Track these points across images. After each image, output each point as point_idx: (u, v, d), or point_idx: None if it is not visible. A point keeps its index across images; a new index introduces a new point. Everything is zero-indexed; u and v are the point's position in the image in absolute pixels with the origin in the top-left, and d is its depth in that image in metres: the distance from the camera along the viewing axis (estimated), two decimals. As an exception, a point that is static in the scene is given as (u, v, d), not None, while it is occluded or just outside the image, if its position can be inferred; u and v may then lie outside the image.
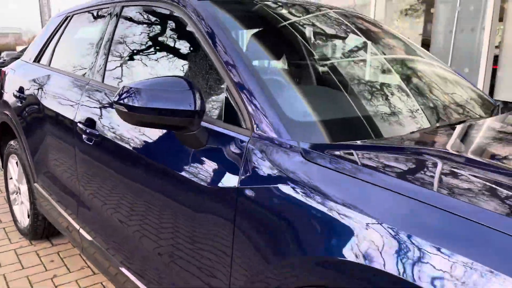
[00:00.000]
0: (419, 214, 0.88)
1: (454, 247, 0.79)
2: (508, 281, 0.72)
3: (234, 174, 1.22)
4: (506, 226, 0.79)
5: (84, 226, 2.05)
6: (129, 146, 1.62)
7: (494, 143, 1.41)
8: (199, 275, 1.35)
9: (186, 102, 1.25)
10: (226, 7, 1.66)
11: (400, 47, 2.14)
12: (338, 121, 1.33)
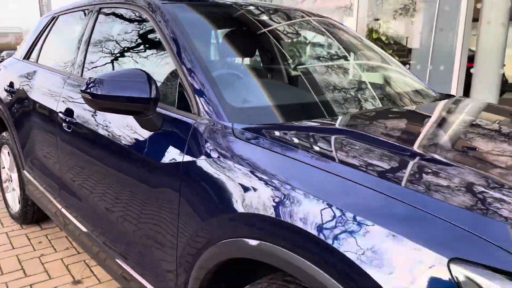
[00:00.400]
0: (313, 176, 1.11)
1: (336, 200, 1.02)
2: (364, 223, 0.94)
3: (181, 151, 1.44)
4: (377, 184, 1.02)
5: (65, 206, 2.28)
6: (99, 131, 1.85)
7: (414, 124, 1.64)
8: (156, 236, 1.57)
9: (143, 91, 1.47)
10: (184, 10, 1.89)
11: (345, 41, 2.36)
12: (266, 107, 1.56)
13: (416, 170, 1.15)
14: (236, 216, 1.22)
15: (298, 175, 1.14)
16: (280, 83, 1.81)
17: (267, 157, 1.23)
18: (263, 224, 1.14)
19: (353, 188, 1.04)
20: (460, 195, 1.00)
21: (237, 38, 2.02)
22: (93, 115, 1.91)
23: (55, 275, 2.49)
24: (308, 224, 1.03)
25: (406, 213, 0.94)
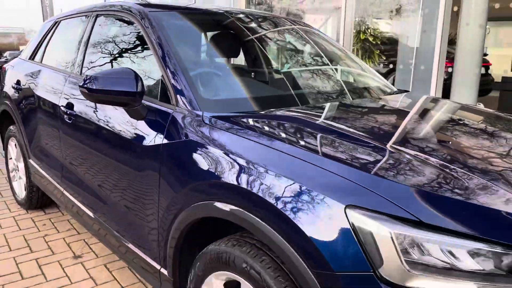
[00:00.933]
0: (258, 150, 1.42)
1: (272, 167, 1.33)
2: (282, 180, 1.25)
3: (161, 135, 1.75)
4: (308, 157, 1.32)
5: (67, 189, 2.59)
6: (95, 121, 2.16)
7: (360, 112, 1.94)
8: (142, 208, 1.87)
9: (131, 86, 1.78)
10: (168, 18, 2.20)
11: (312, 42, 2.67)
12: (232, 99, 1.88)
13: (336, 145, 1.46)
14: (201, 185, 1.53)
15: (249, 150, 1.44)
16: (246, 79, 2.14)
17: (228, 137, 1.54)
18: (221, 190, 1.44)
19: (287, 159, 1.35)
20: (364, 161, 1.31)
21: (212, 41, 2.34)
22: (90, 108, 2.23)
23: (57, 251, 2.81)
24: (251, 186, 1.34)
25: (319, 174, 1.25)
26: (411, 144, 1.53)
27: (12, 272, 2.55)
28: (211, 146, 1.55)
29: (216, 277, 1.54)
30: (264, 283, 1.32)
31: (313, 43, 2.67)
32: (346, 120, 1.80)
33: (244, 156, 1.43)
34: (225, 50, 2.35)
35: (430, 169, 1.29)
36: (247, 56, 2.48)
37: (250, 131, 1.54)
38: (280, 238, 1.25)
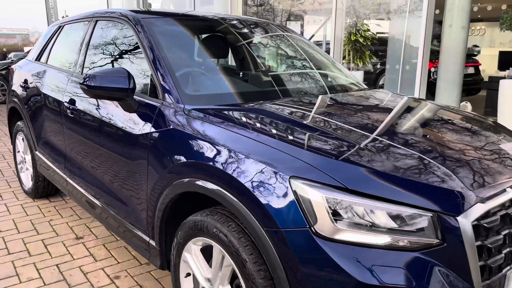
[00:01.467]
0: (227, 135, 1.71)
1: (235, 147, 1.62)
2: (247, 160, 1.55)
3: (149, 125, 2.05)
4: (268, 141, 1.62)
5: (69, 175, 2.89)
6: (94, 114, 2.46)
7: (324, 105, 2.23)
8: (134, 188, 2.17)
9: (124, 83, 2.08)
10: (158, 24, 2.50)
11: (288, 44, 2.96)
12: (210, 95, 2.18)
13: (289, 131, 1.75)
14: (184, 164, 1.82)
15: (218, 135, 1.74)
16: (226, 78, 2.44)
17: (201, 125, 1.84)
18: (202, 169, 1.73)
19: (247, 142, 1.64)
20: (308, 143, 1.60)
21: (197, 44, 2.65)
22: (89, 103, 2.53)
23: (61, 233, 3.11)
24: (216, 163, 1.63)
25: (271, 153, 1.55)
26: (350, 129, 1.82)
27: (21, 250, 2.85)
28: (189, 133, 1.84)
29: (194, 242, 1.84)
30: (230, 243, 1.61)
31: (291, 45, 2.96)
32: (303, 112, 2.09)
33: (213, 140, 1.73)
34: (209, 51, 2.65)
35: (357, 147, 1.59)
36: (234, 56, 2.79)
37: (220, 119, 1.83)
38: (240, 204, 1.54)
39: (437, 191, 1.43)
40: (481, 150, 1.79)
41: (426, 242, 1.38)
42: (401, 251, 1.37)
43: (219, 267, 1.72)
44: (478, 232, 1.42)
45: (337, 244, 1.37)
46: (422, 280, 1.34)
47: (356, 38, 7.21)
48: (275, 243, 1.45)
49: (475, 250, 1.38)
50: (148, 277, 2.53)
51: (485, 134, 2.07)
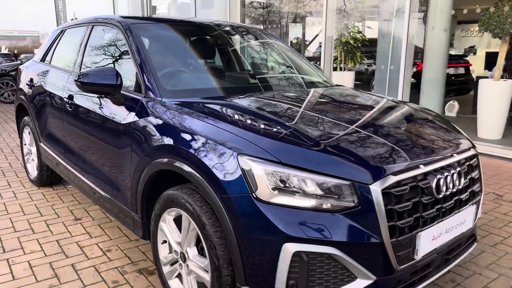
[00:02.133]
0: (197, 124, 2.06)
1: (200, 133, 1.97)
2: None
3: (133, 115, 2.41)
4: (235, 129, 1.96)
5: (68, 162, 3.26)
6: (88, 107, 2.83)
7: (288, 99, 2.57)
8: (121, 169, 2.53)
9: (112, 80, 2.44)
10: (145, 29, 2.87)
11: (263, 45, 3.31)
12: (185, 90, 2.53)
13: (242, 118, 2.09)
14: (158, 147, 2.17)
15: (187, 123, 2.09)
16: (199, 75, 2.81)
17: (174, 114, 2.19)
18: (173, 150, 2.08)
19: (208, 127, 1.99)
20: (255, 127, 1.94)
21: (177, 46, 3.01)
22: (84, 98, 2.90)
23: (62, 215, 3.48)
24: (183, 144, 1.98)
25: (226, 136, 1.89)
26: (293, 116, 2.17)
27: (26, 229, 3.22)
28: (163, 120, 2.20)
29: (168, 213, 2.18)
30: (194, 211, 1.95)
31: (266, 47, 3.31)
32: (260, 103, 2.44)
33: (182, 127, 2.08)
34: (188, 52, 3.02)
35: (293, 129, 1.93)
36: (203, 57, 3.17)
37: (190, 110, 2.18)
38: (201, 178, 1.89)
39: (355, 164, 1.77)
40: (403, 133, 2.13)
41: (344, 205, 1.71)
42: (324, 212, 1.71)
43: (187, 232, 2.07)
44: (390, 198, 1.75)
45: (272, 206, 1.71)
46: (340, 235, 1.68)
47: (347, 40, 7.52)
48: (226, 206, 1.79)
49: (383, 213, 1.71)
50: (135, 250, 2.88)
51: (412, 120, 2.42)
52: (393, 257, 1.76)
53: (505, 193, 3.99)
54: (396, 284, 1.83)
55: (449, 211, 2.02)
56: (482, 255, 2.84)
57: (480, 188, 2.30)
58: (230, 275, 1.86)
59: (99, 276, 2.57)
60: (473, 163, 2.24)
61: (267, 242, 1.71)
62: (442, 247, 2.01)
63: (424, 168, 1.89)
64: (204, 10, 10.69)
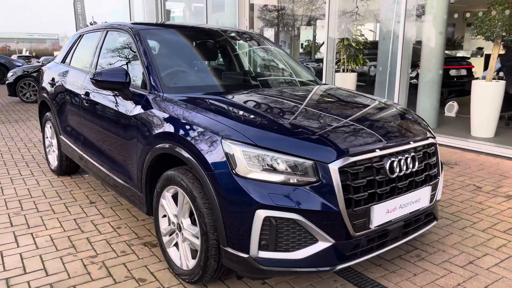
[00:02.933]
0: (192, 115, 2.46)
1: (193, 122, 2.36)
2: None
3: (138, 107, 2.81)
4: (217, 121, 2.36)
5: (85, 152, 3.70)
6: (102, 102, 3.25)
7: (277, 95, 2.95)
8: (130, 156, 2.94)
9: (122, 78, 2.85)
10: (151, 34, 3.28)
11: (257, 46, 3.69)
12: (184, 87, 2.93)
13: (229, 110, 2.47)
14: (159, 134, 2.57)
15: (182, 114, 2.48)
16: (197, 74, 3.21)
17: (172, 107, 2.59)
18: (171, 136, 2.48)
19: (199, 117, 2.38)
20: (238, 117, 2.33)
21: (179, 48, 3.43)
22: (99, 94, 3.32)
23: (79, 199, 3.92)
24: (179, 131, 2.37)
25: (213, 124, 2.28)
26: (272, 107, 2.54)
27: (47, 209, 3.66)
28: (162, 112, 2.60)
29: (167, 190, 2.58)
30: (187, 187, 2.34)
31: (259, 49, 3.70)
32: (247, 98, 2.82)
33: (178, 117, 2.48)
34: (189, 54, 3.43)
35: (268, 118, 2.31)
36: (203, 59, 3.58)
37: (185, 103, 2.58)
38: (192, 159, 2.28)
39: (317, 147, 2.14)
40: (366, 122, 2.48)
41: (308, 180, 2.08)
42: (291, 186, 2.08)
43: (182, 205, 2.46)
44: (346, 175, 2.12)
45: (248, 180, 2.09)
46: (303, 204, 2.05)
47: (349, 43, 7.85)
48: (211, 181, 2.18)
49: (340, 187, 2.07)
50: (142, 228, 3.29)
51: (377, 111, 2.78)
52: (349, 224, 2.12)
53: (484, 185, 4.29)
54: (354, 248, 2.19)
55: (404, 190, 2.37)
56: (449, 236, 3.16)
57: (437, 173, 2.64)
58: (216, 239, 2.24)
59: (109, 247, 2.98)
60: (430, 151, 2.58)
61: (243, 209, 2.09)
62: (398, 220, 2.36)
63: (379, 152, 2.24)
64: (215, 14, 11.12)
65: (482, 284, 2.52)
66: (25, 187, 4.25)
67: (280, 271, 2.13)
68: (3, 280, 2.55)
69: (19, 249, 2.94)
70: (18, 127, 7.62)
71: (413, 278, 2.59)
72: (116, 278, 2.57)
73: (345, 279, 2.57)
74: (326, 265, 2.14)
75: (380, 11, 7.55)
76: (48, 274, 2.62)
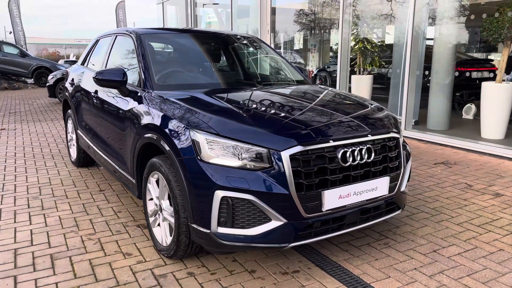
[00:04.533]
0: (172, 109, 2.79)
1: (172, 116, 2.69)
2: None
3: (134, 103, 3.17)
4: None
5: (94, 143, 4.12)
6: (105, 98, 3.65)
7: (266, 92, 3.23)
8: (126, 145, 3.30)
9: (120, 77, 3.22)
10: (151, 38, 3.65)
11: (251, 50, 3.98)
12: (173, 84, 3.27)
13: (206, 104, 2.78)
14: (147, 125, 2.91)
15: (165, 107, 2.81)
16: (187, 74, 3.54)
17: (158, 102, 2.92)
18: (153, 127, 2.81)
19: (176, 110, 2.70)
20: (209, 110, 2.63)
21: (174, 50, 3.78)
22: (104, 92, 3.72)
23: (90, 187, 4.34)
24: (160, 124, 2.69)
25: (187, 116, 2.59)
26: (239, 102, 2.82)
27: (62, 195, 4.10)
28: (150, 107, 2.94)
29: (151, 176, 2.91)
30: (165, 171, 2.66)
31: (250, 50, 3.98)
32: (221, 95, 3.11)
33: (161, 110, 2.81)
34: (183, 56, 3.78)
35: (233, 111, 2.59)
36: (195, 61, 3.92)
37: (170, 99, 2.91)
38: (167, 147, 2.60)
39: (272, 136, 2.40)
40: (325, 115, 2.72)
41: (262, 166, 2.35)
42: (247, 170, 2.35)
43: (161, 189, 2.79)
44: (298, 162, 2.36)
45: (210, 165, 2.38)
46: (256, 186, 2.31)
47: (364, 45, 7.98)
48: (181, 166, 2.48)
49: (291, 172, 2.32)
50: (139, 213, 3.65)
51: (343, 107, 3.00)
52: (300, 206, 2.36)
53: (476, 184, 4.36)
54: (305, 228, 2.43)
55: (359, 178, 2.58)
56: (423, 228, 3.32)
57: (399, 165, 2.82)
58: (185, 217, 2.54)
59: (107, 226, 3.35)
60: (390, 144, 2.77)
61: (205, 190, 2.38)
62: (353, 206, 2.57)
63: (332, 143, 2.47)
64: (240, 20, 11.51)
65: (437, 269, 2.68)
66: (47, 176, 4.73)
67: (238, 246, 2.40)
68: (12, 250, 2.96)
69: (31, 226, 3.37)
70: (52, 125, 8.27)
71: (374, 262, 2.78)
72: (106, 252, 2.93)
73: (309, 260, 2.80)
74: (280, 242, 2.40)
75: (395, 14, 7.65)
76: (50, 247, 3.01)
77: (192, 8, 13.46)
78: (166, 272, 2.65)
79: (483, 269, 2.67)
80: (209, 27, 17.69)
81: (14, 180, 4.61)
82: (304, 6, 14.08)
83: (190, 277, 2.60)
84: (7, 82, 17.96)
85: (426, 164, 5.15)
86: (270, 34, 10.09)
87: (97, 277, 2.60)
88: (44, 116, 9.65)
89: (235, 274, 2.63)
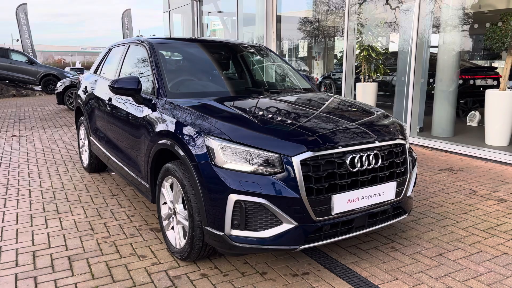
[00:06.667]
0: (184, 115, 2.90)
1: (184, 122, 2.80)
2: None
3: (148, 110, 3.28)
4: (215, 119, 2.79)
5: (107, 149, 4.23)
6: (119, 106, 3.77)
7: (273, 99, 3.34)
8: (141, 152, 3.41)
9: (134, 85, 3.34)
10: (163, 47, 3.77)
11: (259, 58, 4.10)
12: (185, 93, 3.38)
13: (217, 111, 2.89)
14: (161, 132, 3.02)
15: (178, 114, 2.92)
16: (199, 83, 3.66)
17: (172, 109, 3.03)
18: (168, 134, 2.92)
19: (189, 117, 2.81)
20: (222, 117, 2.74)
21: (186, 59, 3.90)
22: (117, 99, 3.84)
23: (103, 192, 4.45)
24: (174, 130, 2.80)
25: (203, 123, 2.70)
26: (252, 109, 2.93)
27: (75, 200, 4.22)
28: (164, 114, 3.06)
29: (166, 180, 3.02)
30: (180, 176, 2.76)
31: (258, 58, 4.10)
32: (233, 102, 3.22)
33: (175, 117, 2.92)
34: (194, 64, 3.90)
35: (246, 118, 2.70)
36: (205, 70, 4.04)
37: (182, 106, 3.02)
38: (182, 152, 2.70)
39: (284, 143, 2.50)
40: (334, 122, 2.82)
41: (274, 171, 2.45)
42: (259, 175, 2.45)
43: (176, 193, 2.89)
44: (308, 167, 2.46)
45: (224, 170, 2.49)
46: (268, 190, 2.41)
47: (369, 53, 8.09)
48: (195, 171, 2.59)
49: (301, 177, 2.42)
50: (152, 217, 3.75)
51: (351, 114, 3.09)
52: (310, 210, 2.46)
53: (481, 190, 4.44)
54: (315, 231, 2.52)
55: (367, 183, 2.67)
56: (428, 232, 3.40)
57: (406, 171, 2.91)
58: (199, 220, 2.64)
59: (121, 230, 3.45)
60: (397, 150, 2.86)
61: (219, 194, 2.48)
62: (361, 210, 2.66)
63: (341, 149, 2.57)
64: (246, 27, 11.66)
65: (443, 272, 2.76)
66: (60, 181, 4.85)
67: (251, 248, 2.50)
68: (30, 252, 3.07)
69: (48, 230, 3.47)
70: (62, 132, 8.42)
71: (381, 265, 2.87)
72: (122, 254, 3.03)
73: (318, 262, 2.89)
74: (291, 244, 2.49)
75: (399, 22, 7.76)
76: (67, 249, 3.11)
77: (199, 16, 13.65)
78: (180, 273, 2.75)
79: (488, 272, 2.75)
80: (214, 34, 17.91)
81: (28, 185, 4.73)
82: (309, 14, 14.24)
83: (203, 278, 2.69)
84: (15, 89, 18.21)
85: (431, 170, 5.23)
86: (275, 42, 10.23)
87: (114, 278, 2.69)
88: (54, 123, 9.81)
89: (247, 276, 2.72)
